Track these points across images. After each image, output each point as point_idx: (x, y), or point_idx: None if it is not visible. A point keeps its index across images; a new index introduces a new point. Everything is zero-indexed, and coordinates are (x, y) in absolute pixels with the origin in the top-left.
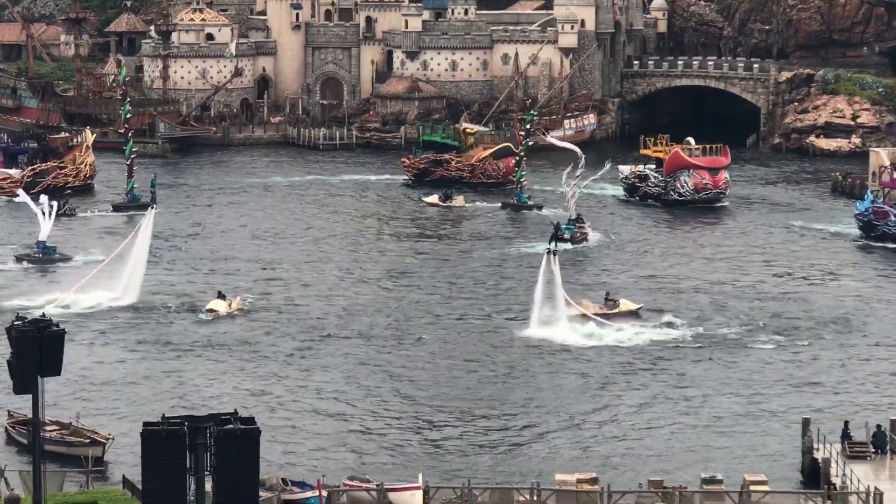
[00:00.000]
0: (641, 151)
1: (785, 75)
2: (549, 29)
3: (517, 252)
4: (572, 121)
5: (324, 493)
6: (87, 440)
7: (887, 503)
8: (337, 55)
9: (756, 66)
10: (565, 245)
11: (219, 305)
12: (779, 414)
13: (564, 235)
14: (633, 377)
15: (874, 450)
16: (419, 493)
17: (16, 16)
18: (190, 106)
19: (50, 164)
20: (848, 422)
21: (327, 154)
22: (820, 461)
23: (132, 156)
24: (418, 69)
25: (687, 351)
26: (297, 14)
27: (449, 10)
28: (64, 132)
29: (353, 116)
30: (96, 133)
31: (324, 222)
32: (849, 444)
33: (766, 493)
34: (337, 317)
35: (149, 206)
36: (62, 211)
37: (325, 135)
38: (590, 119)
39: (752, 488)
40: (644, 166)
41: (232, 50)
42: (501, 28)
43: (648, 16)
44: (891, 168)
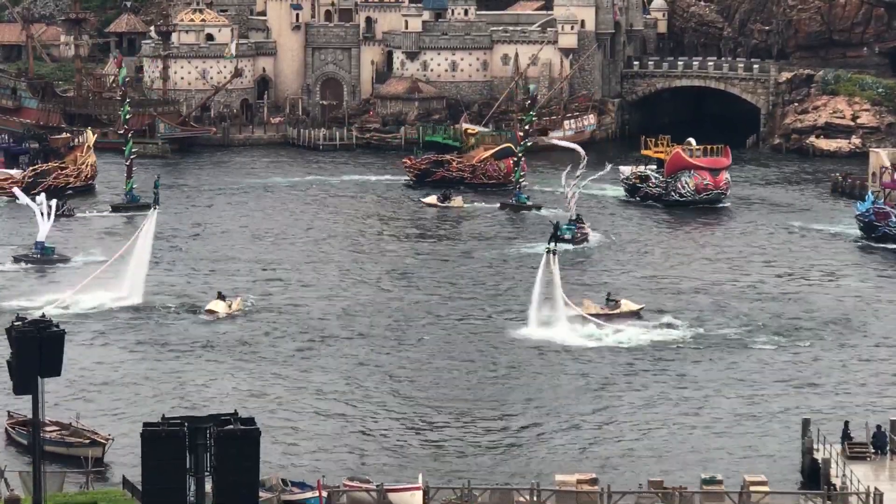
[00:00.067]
0: (642, 152)
1: (785, 76)
2: (549, 29)
3: (517, 252)
4: (572, 121)
5: (324, 494)
6: (87, 441)
7: None
8: (337, 56)
9: (756, 67)
10: (566, 245)
11: (218, 306)
12: (779, 414)
13: (565, 236)
14: (634, 378)
15: (874, 450)
16: (419, 494)
17: (16, 16)
18: (190, 106)
19: (51, 165)
20: (848, 422)
21: (327, 155)
22: (820, 462)
23: (131, 156)
24: (418, 70)
25: (687, 351)
26: (297, 14)
27: (449, 11)
28: (65, 132)
29: (353, 117)
30: (96, 134)
31: (324, 223)
32: (849, 445)
33: (766, 494)
34: (337, 317)
35: (151, 207)
36: (60, 211)
37: (325, 135)
38: (589, 120)
39: (752, 489)
40: (645, 167)
41: (232, 50)
42: (501, 28)
43: (648, 16)
44: (891, 169)
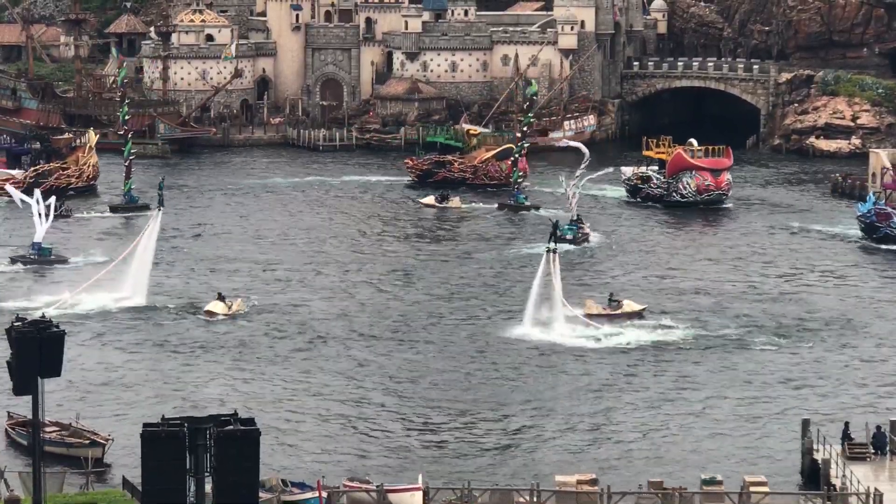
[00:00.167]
0: (644, 153)
1: (785, 76)
2: (549, 30)
3: (516, 253)
4: (572, 122)
5: (324, 494)
6: (87, 441)
7: None
8: (337, 56)
9: (756, 68)
10: (567, 246)
11: (218, 307)
12: (779, 415)
13: (567, 236)
14: (634, 378)
15: (874, 451)
16: (419, 494)
17: (16, 17)
18: (190, 107)
19: (53, 165)
20: (848, 423)
21: (327, 155)
22: (820, 462)
23: (130, 157)
24: (418, 70)
25: (688, 352)
26: (297, 15)
27: (449, 12)
28: (67, 133)
29: (353, 117)
30: (98, 134)
31: (324, 223)
32: (849, 445)
33: (766, 495)
34: (337, 318)
35: (156, 208)
36: (58, 212)
37: (325, 136)
38: (589, 120)
39: (752, 489)
40: (647, 168)
41: (232, 51)
42: (501, 29)
43: (648, 17)
44: (892, 169)
